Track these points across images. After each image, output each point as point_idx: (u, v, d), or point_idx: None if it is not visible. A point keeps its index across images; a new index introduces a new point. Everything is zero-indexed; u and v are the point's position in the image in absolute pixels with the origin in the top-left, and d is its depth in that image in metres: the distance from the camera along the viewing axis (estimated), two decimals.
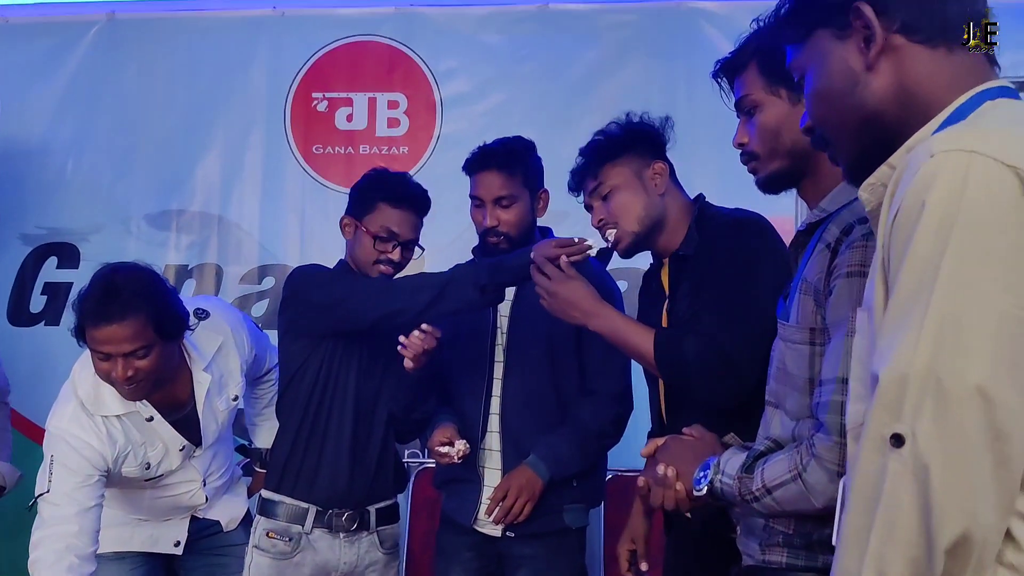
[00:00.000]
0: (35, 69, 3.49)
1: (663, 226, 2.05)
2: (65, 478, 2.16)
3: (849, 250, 1.38)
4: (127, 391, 2.15)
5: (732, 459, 1.49)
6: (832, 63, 1.13)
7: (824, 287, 1.42)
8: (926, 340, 0.89)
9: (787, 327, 1.49)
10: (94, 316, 2.07)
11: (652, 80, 3.23)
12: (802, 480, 1.37)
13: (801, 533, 1.47)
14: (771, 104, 1.58)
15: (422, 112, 3.37)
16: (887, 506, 0.89)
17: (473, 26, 3.38)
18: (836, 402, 1.34)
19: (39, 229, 3.44)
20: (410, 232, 2.35)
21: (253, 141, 3.41)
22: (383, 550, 2.37)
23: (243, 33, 3.45)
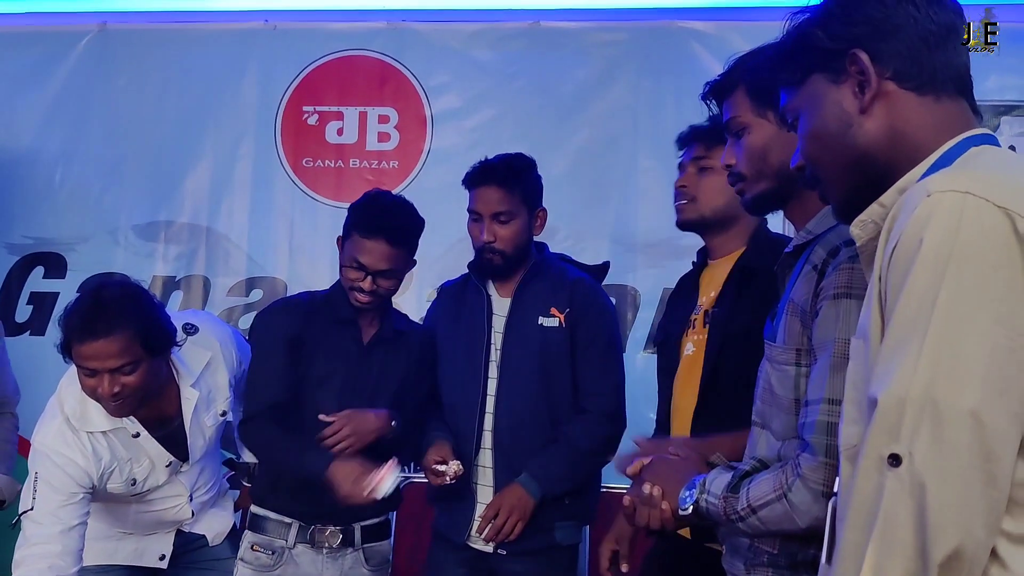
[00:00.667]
0: (25, 78, 3.49)
1: (731, 226, 2.03)
2: (49, 496, 2.14)
3: (836, 272, 1.40)
4: (113, 407, 2.13)
5: (718, 479, 1.50)
6: (827, 106, 1.19)
7: (811, 308, 1.43)
8: (924, 366, 0.95)
9: (774, 348, 1.51)
10: (80, 332, 2.04)
11: (641, 98, 3.25)
12: (787, 500, 1.38)
13: (786, 553, 1.47)
14: (759, 126, 1.58)
15: (412, 127, 3.39)
16: (884, 522, 0.95)
17: (464, 42, 3.39)
18: (822, 423, 1.35)
19: (26, 238, 3.43)
20: (382, 263, 2.26)
21: (243, 153, 3.42)
22: (368, 567, 2.35)
23: (235, 46, 3.46)
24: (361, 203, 2.33)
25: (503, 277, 2.39)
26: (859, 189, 1.17)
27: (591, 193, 3.19)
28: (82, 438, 2.18)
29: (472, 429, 2.29)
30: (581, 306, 2.31)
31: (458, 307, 2.41)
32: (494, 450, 2.28)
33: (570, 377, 2.30)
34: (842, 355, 1.33)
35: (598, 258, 2.79)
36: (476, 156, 2.47)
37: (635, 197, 3.13)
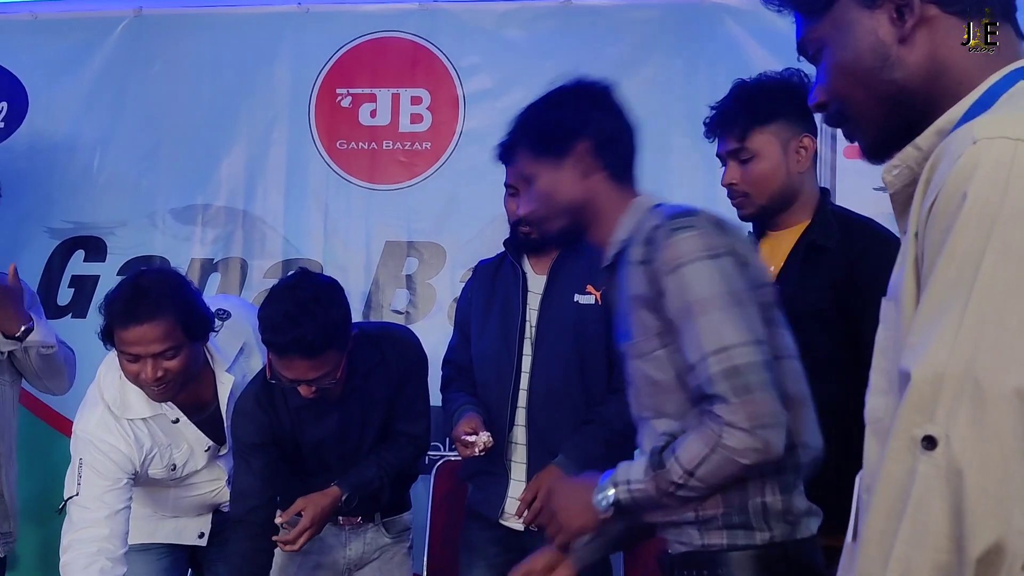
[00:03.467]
0: (63, 65, 3.53)
1: (791, 204, 2.03)
2: (94, 482, 2.18)
3: (660, 253, 1.52)
4: (155, 392, 2.16)
5: (633, 466, 1.55)
6: (860, 35, 1.05)
7: (654, 293, 1.54)
8: (965, 339, 0.85)
9: (635, 344, 1.60)
10: (123, 317, 2.08)
11: (674, 76, 3.23)
12: (722, 447, 1.44)
13: (733, 509, 1.52)
14: (541, 173, 1.70)
15: (445, 108, 3.38)
16: (916, 510, 0.85)
17: (496, 22, 3.38)
18: (717, 372, 1.45)
19: (66, 223, 3.48)
20: (311, 373, 2.07)
21: (277, 136, 3.43)
22: (390, 536, 2.42)
23: (268, 29, 3.47)
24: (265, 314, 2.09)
25: (539, 253, 2.38)
26: (894, 129, 1.04)
27: None
28: (124, 425, 2.22)
29: (505, 405, 2.29)
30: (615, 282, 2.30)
31: (493, 285, 2.41)
32: (528, 427, 2.29)
33: (605, 355, 2.28)
34: (701, 313, 1.48)
35: None
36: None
37: (668, 175, 3.10)
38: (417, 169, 3.36)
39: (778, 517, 1.53)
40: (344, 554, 2.39)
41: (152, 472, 2.28)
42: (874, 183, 2.85)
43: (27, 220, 3.45)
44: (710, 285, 1.49)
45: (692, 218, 1.55)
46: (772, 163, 1.99)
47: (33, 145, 3.50)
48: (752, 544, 1.52)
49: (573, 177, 1.68)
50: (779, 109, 1.98)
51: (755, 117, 2.00)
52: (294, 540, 2.17)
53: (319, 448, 2.31)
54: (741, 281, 1.52)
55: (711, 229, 1.54)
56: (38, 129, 3.53)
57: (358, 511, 2.34)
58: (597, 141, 1.67)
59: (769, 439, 1.44)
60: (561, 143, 1.68)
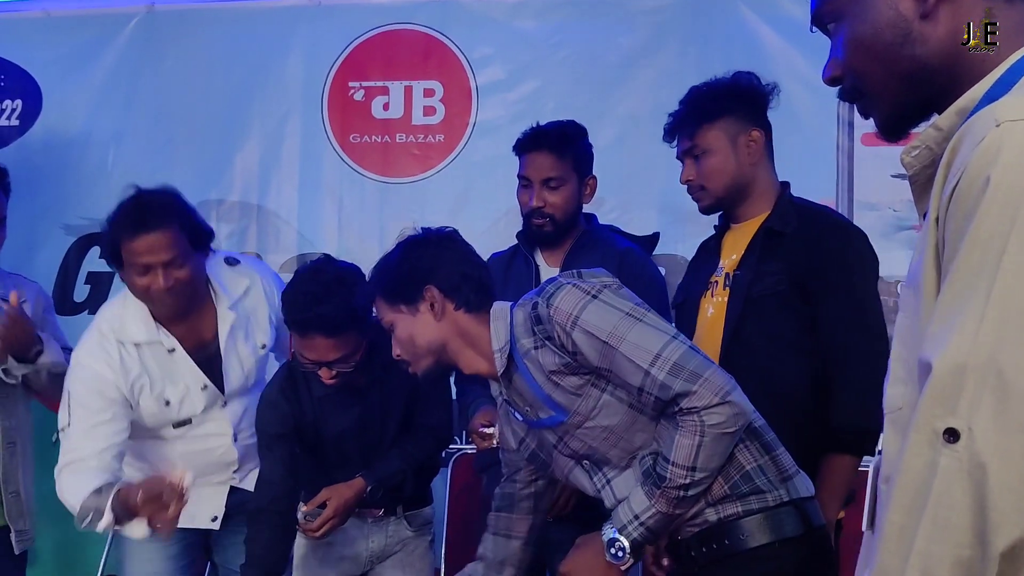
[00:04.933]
0: (76, 62, 3.53)
1: (748, 194, 2.12)
2: (82, 417, 2.20)
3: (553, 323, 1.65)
4: (168, 304, 2.19)
5: (631, 503, 1.64)
6: (880, 8, 1.00)
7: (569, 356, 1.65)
8: (988, 328, 0.82)
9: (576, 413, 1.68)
10: (132, 228, 2.13)
11: (689, 66, 3.19)
12: (708, 429, 1.56)
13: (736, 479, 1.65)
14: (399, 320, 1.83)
15: (458, 100, 3.37)
16: (937, 504, 0.83)
17: (508, 13, 3.36)
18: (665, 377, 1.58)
19: (81, 219, 3.49)
20: (331, 354, 2.12)
21: (291, 130, 3.43)
22: (411, 528, 2.42)
23: (280, 23, 3.46)
24: (288, 294, 2.16)
25: (551, 246, 2.38)
26: (912, 106, 1.02)
27: (638, 163, 3.15)
28: (111, 349, 2.23)
29: None
30: (629, 276, 2.28)
31: (505, 277, 2.41)
32: None
33: None
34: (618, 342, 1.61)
35: (646, 228, 2.77)
36: (521, 128, 2.46)
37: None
38: (430, 162, 3.35)
39: (776, 476, 1.66)
40: (367, 546, 2.40)
41: (144, 405, 2.26)
42: (892, 170, 2.85)
43: (43, 217, 3.46)
44: (609, 317, 1.63)
45: (554, 283, 1.71)
46: (722, 157, 2.10)
47: (48, 142, 3.51)
48: (766, 506, 1.64)
49: (429, 320, 1.80)
50: (726, 106, 2.10)
51: (703, 115, 2.12)
52: (317, 528, 2.20)
53: (341, 440, 2.31)
54: (627, 301, 1.68)
55: (575, 280, 1.70)
56: (52, 126, 3.54)
57: (381, 503, 2.34)
58: (446, 285, 1.80)
59: (735, 400, 1.58)
60: (411, 292, 1.81)
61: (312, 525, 2.21)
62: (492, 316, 1.80)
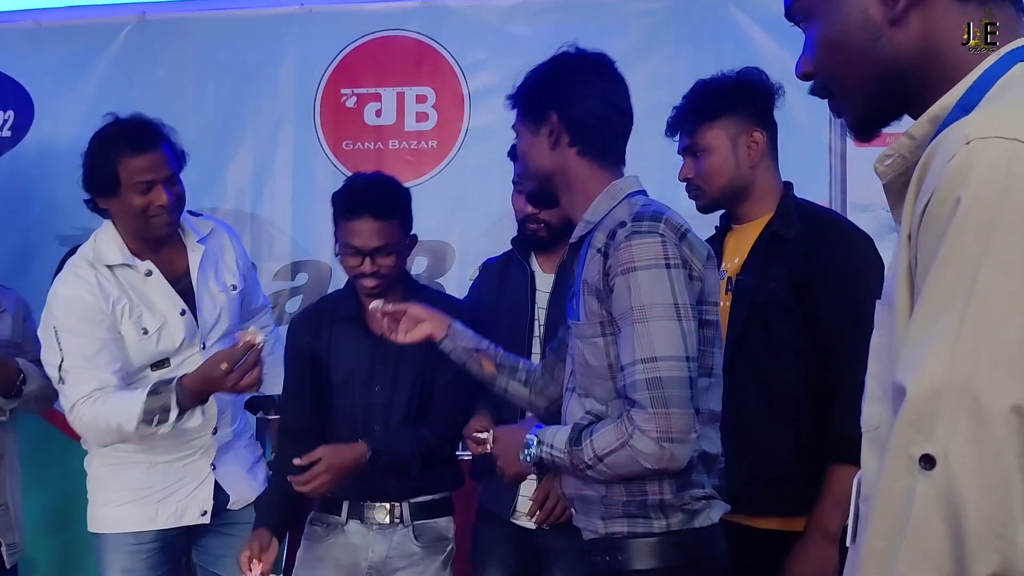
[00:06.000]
0: (67, 71, 3.52)
1: (748, 195, 2.11)
2: (76, 347, 2.23)
3: (617, 251, 1.59)
4: (164, 223, 2.32)
5: (558, 434, 1.66)
6: (849, 11, 1.00)
7: (604, 286, 1.61)
8: (962, 352, 0.81)
9: (579, 325, 1.68)
10: (133, 146, 2.26)
11: (681, 68, 3.20)
12: (630, 447, 1.54)
13: (635, 501, 1.63)
14: (521, 134, 1.83)
15: (450, 105, 3.36)
16: (916, 532, 0.82)
17: (499, 17, 3.36)
18: (641, 380, 1.54)
19: (75, 230, 3.47)
20: (374, 240, 2.23)
21: (283, 138, 3.43)
22: (419, 543, 2.35)
23: (271, 31, 3.46)
24: (341, 189, 2.35)
25: (546, 251, 2.37)
26: (881, 108, 1.02)
27: (632, 165, 3.12)
28: (87, 275, 2.29)
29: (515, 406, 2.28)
30: None
31: (501, 283, 2.41)
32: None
33: None
34: (641, 319, 1.55)
35: None
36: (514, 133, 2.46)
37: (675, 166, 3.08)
38: (423, 168, 3.34)
39: (674, 509, 1.63)
40: (366, 556, 2.34)
41: (125, 333, 2.29)
42: None
43: (36, 227, 3.46)
44: (657, 294, 1.56)
45: (656, 223, 1.60)
46: (721, 157, 2.09)
47: (40, 152, 3.50)
48: (651, 532, 1.63)
49: (543, 146, 1.75)
50: (727, 106, 2.08)
51: (704, 114, 2.11)
52: (307, 482, 2.19)
53: (346, 386, 2.31)
54: (688, 295, 1.59)
55: (672, 238, 1.60)
56: (45, 137, 3.53)
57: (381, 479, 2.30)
58: (569, 116, 1.72)
59: (675, 452, 1.54)
60: (536, 111, 1.76)
61: (301, 477, 2.18)
62: (608, 189, 1.71)
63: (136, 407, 2.17)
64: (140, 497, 2.38)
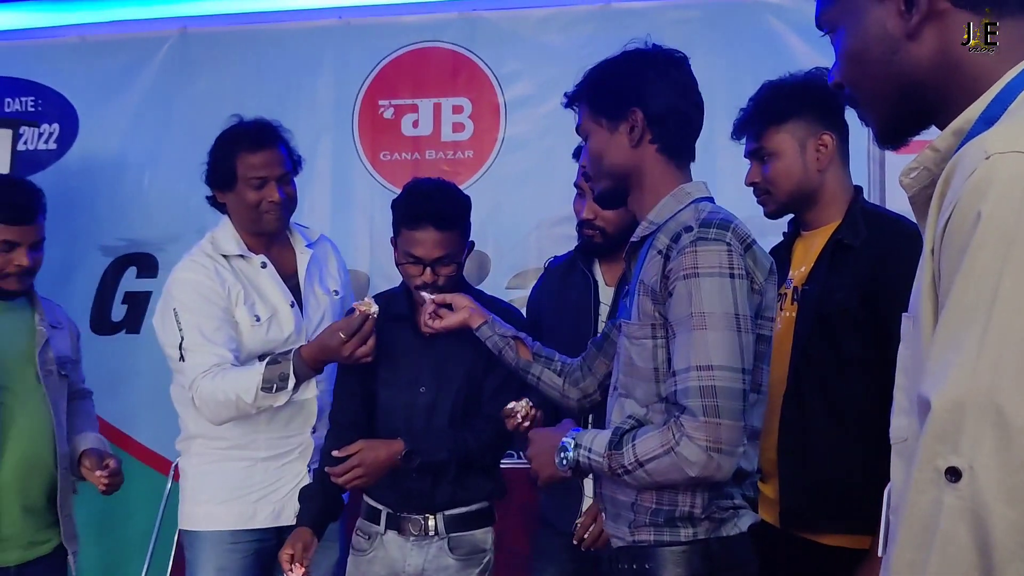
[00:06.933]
0: (111, 85, 3.59)
1: (816, 201, 2.06)
2: (195, 325, 2.32)
3: (680, 255, 1.56)
4: (275, 219, 2.43)
5: (597, 437, 1.64)
6: (868, 25, 1.03)
7: (661, 289, 1.59)
8: (985, 365, 0.82)
9: (630, 325, 1.66)
10: (252, 144, 2.37)
11: (718, 76, 3.19)
12: (675, 453, 1.52)
13: (663, 510, 1.61)
14: (595, 132, 1.74)
15: (486, 115, 3.39)
16: (943, 544, 0.83)
17: (535, 28, 3.38)
18: (695, 387, 1.51)
19: (119, 240, 3.54)
20: (436, 251, 2.23)
21: (322, 149, 3.46)
22: (454, 556, 2.34)
23: (310, 44, 3.51)
24: (402, 196, 2.32)
25: (609, 258, 2.33)
26: (904, 118, 1.04)
27: None
28: (206, 263, 2.40)
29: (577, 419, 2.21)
30: None
31: (563, 289, 2.37)
32: None
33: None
34: (700, 326, 1.52)
35: None
36: (549, 142, 2.47)
37: (714, 176, 3.03)
38: (460, 178, 3.35)
39: (701, 520, 1.61)
40: (403, 568, 2.34)
41: (239, 319, 2.37)
42: None
43: (80, 238, 3.52)
44: (719, 302, 1.53)
45: (723, 232, 1.57)
46: (789, 161, 2.04)
47: (85, 165, 3.57)
48: (677, 540, 1.61)
49: (623, 144, 1.70)
50: (795, 109, 2.02)
51: (771, 117, 2.05)
52: (341, 474, 2.23)
53: (391, 384, 2.33)
54: (748, 307, 1.56)
55: (738, 248, 1.57)
56: (89, 149, 3.60)
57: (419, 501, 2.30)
58: (652, 112, 1.68)
59: (721, 463, 1.52)
60: (616, 107, 1.70)
61: (336, 469, 2.23)
62: (678, 190, 1.69)
63: (255, 377, 2.25)
64: (239, 496, 2.41)
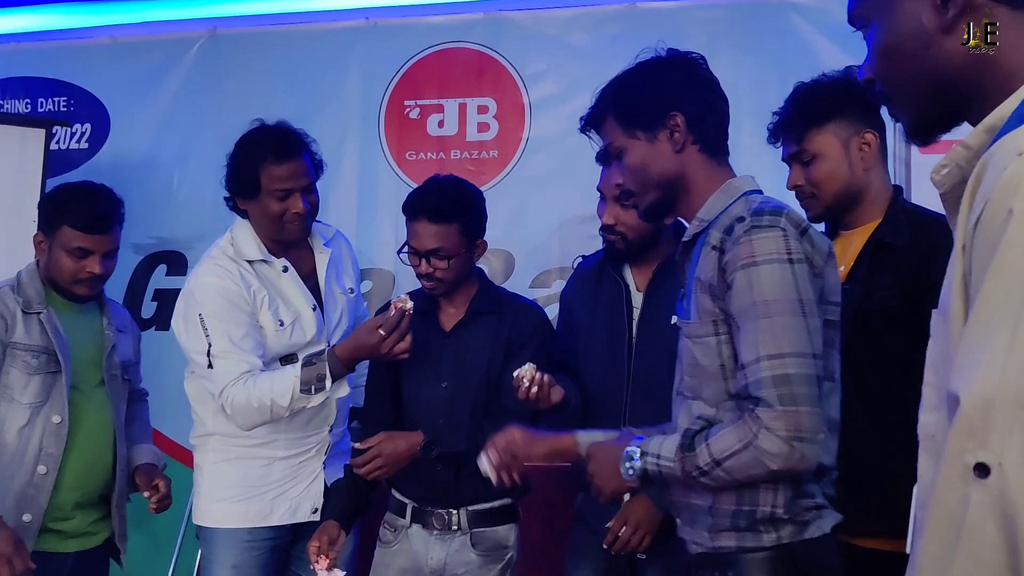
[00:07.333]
0: (142, 85, 3.65)
1: (859, 201, 2.02)
2: (223, 332, 2.29)
3: (736, 246, 1.52)
4: (297, 229, 2.39)
5: (665, 442, 1.59)
6: (901, 19, 1.01)
7: (720, 282, 1.55)
8: (1016, 362, 0.82)
9: (690, 324, 1.62)
10: (276, 154, 2.33)
11: (742, 75, 3.18)
12: (755, 447, 1.46)
13: (742, 512, 1.56)
14: (632, 146, 1.69)
15: (511, 115, 3.40)
16: (970, 540, 0.83)
17: (560, 28, 3.39)
18: (767, 378, 1.46)
19: (149, 239, 3.59)
20: (431, 242, 2.27)
21: (348, 149, 3.49)
22: (477, 551, 2.35)
23: (337, 44, 3.54)
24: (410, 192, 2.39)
25: (638, 263, 2.29)
26: (936, 114, 1.02)
27: None
28: (228, 266, 2.37)
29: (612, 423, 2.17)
30: None
31: (596, 294, 2.34)
32: None
33: None
34: (765, 315, 1.48)
35: None
36: (574, 143, 2.45)
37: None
38: (484, 177, 3.38)
39: (784, 521, 1.56)
40: (427, 561, 2.36)
41: (263, 323, 2.36)
42: None
43: None
44: (780, 289, 1.49)
45: (777, 218, 1.53)
46: (833, 162, 1.99)
47: (116, 164, 3.61)
48: (761, 546, 1.56)
49: (666, 151, 1.67)
50: (836, 108, 1.97)
51: (811, 118, 2.00)
52: (361, 465, 2.26)
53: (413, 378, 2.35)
54: (812, 291, 1.51)
55: (793, 232, 1.53)
56: (120, 148, 3.66)
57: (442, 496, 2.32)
58: (691, 114, 1.65)
59: (805, 452, 1.46)
60: (654, 116, 1.66)
61: (358, 460, 2.27)
62: (725, 186, 1.66)
63: (289, 381, 2.24)
64: (257, 493, 2.43)
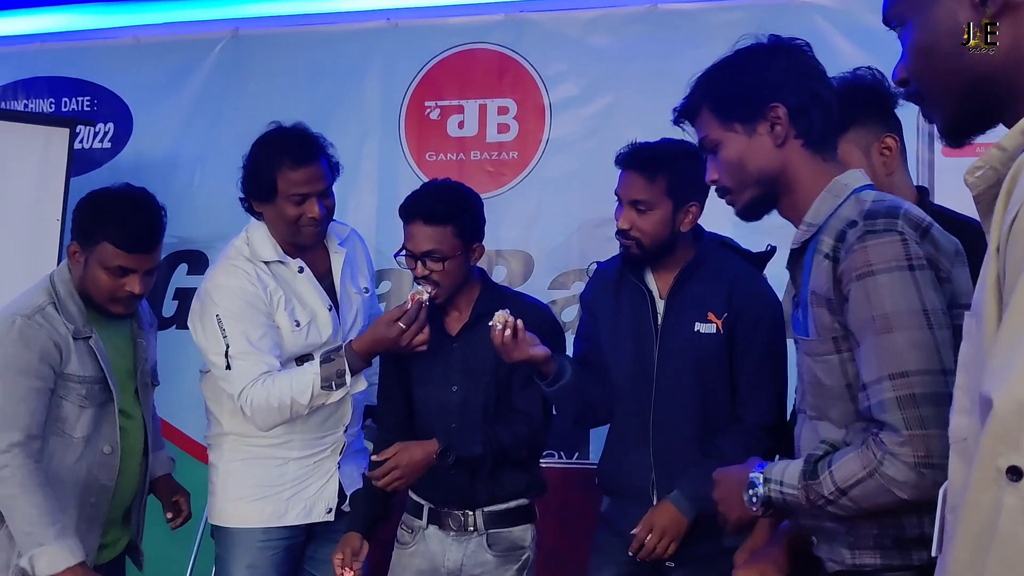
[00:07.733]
0: (164, 86, 3.67)
1: None
2: (241, 332, 2.29)
3: (850, 255, 1.42)
4: (313, 232, 2.37)
5: (788, 469, 1.50)
6: (940, 17, 1.00)
7: (836, 295, 1.44)
8: None
9: (809, 342, 1.52)
10: (294, 159, 2.30)
11: None
12: (880, 475, 1.36)
13: (889, 533, 1.46)
14: (729, 140, 1.60)
15: (531, 116, 3.40)
16: (1003, 544, 0.81)
17: (581, 29, 3.39)
18: (891, 399, 1.36)
19: (170, 237, 3.54)
20: (424, 244, 2.27)
21: (369, 150, 3.51)
22: (493, 552, 2.35)
23: (358, 45, 3.55)
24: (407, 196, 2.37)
25: (660, 268, 2.25)
26: (971, 114, 1.01)
27: None
28: (245, 267, 2.36)
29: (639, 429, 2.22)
30: (739, 309, 2.16)
31: (617, 302, 2.30)
32: (653, 456, 2.21)
33: (728, 384, 2.18)
34: (886, 330, 1.37)
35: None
36: (594, 144, 2.47)
37: None
38: (504, 178, 3.38)
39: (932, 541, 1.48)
40: (443, 562, 2.36)
41: (280, 323, 2.35)
42: None
43: None
44: (902, 300, 1.37)
45: (893, 220, 1.42)
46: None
47: (138, 163, 3.64)
48: (909, 564, 1.44)
49: (766, 145, 1.56)
50: (854, 115, 1.88)
51: None
52: (379, 476, 2.26)
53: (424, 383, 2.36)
54: (938, 299, 1.40)
55: (913, 235, 1.41)
56: (142, 148, 3.68)
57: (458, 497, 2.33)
58: (794, 105, 1.54)
59: (937, 479, 1.27)
60: (754, 108, 1.56)
61: (375, 472, 2.27)
62: (832, 184, 1.53)
63: (309, 378, 2.24)
64: (272, 493, 2.43)
